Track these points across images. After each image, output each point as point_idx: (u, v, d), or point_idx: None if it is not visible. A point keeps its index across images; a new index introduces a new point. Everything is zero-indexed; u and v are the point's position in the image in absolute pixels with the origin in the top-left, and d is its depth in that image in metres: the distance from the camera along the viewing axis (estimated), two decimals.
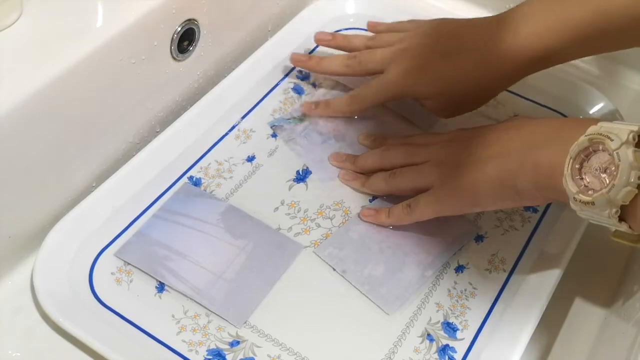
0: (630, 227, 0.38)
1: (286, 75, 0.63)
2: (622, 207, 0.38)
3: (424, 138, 0.54)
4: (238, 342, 0.46)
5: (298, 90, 0.62)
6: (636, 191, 0.37)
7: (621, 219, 0.38)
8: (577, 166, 0.39)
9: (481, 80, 0.53)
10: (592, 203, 0.38)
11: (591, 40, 0.49)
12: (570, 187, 0.39)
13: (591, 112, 0.60)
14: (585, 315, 0.50)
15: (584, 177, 0.39)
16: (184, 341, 0.46)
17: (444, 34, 0.55)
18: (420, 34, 0.56)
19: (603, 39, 0.49)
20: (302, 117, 0.60)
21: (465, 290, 0.50)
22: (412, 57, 0.54)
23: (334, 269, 0.50)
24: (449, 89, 0.54)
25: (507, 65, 0.51)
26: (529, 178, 0.43)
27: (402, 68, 0.54)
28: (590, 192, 0.39)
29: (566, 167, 0.40)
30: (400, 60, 0.54)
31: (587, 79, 0.62)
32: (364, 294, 0.49)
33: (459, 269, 0.51)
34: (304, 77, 0.64)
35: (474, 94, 0.54)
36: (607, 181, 0.38)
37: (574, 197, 0.39)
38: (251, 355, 0.46)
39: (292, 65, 0.63)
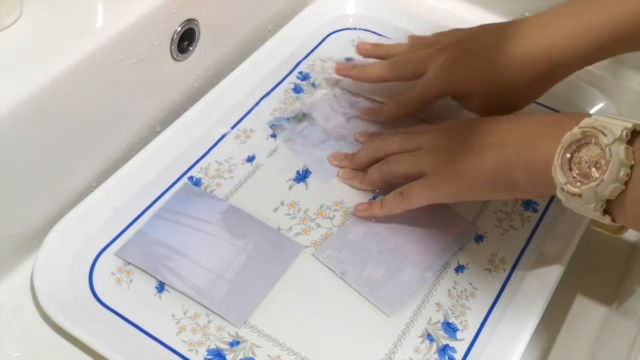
0: (613, 220, 0.39)
1: (286, 75, 0.63)
2: (607, 201, 0.38)
3: (419, 127, 0.54)
4: (238, 342, 0.46)
5: (298, 90, 0.62)
6: (623, 187, 0.37)
7: (605, 211, 0.39)
8: (567, 156, 0.40)
9: (511, 79, 0.51)
10: (579, 195, 0.39)
11: (607, 47, 0.49)
12: (559, 177, 0.40)
13: (591, 112, 0.60)
14: (586, 315, 0.50)
15: (573, 168, 0.40)
16: (184, 341, 0.46)
17: (476, 33, 0.54)
18: (459, 34, 0.55)
19: (618, 45, 0.49)
20: (301, 117, 0.60)
21: (465, 290, 0.50)
22: (451, 54, 0.54)
23: (333, 272, 0.50)
24: (484, 85, 0.53)
25: (529, 68, 0.50)
26: (524, 170, 0.43)
27: (442, 64, 0.54)
28: (578, 184, 0.39)
29: (556, 157, 0.40)
30: (440, 57, 0.54)
31: (587, 79, 0.62)
32: (363, 296, 0.49)
33: (459, 269, 0.51)
34: (304, 77, 0.64)
35: (509, 94, 0.53)
36: (596, 175, 0.38)
37: (561, 188, 0.40)
38: (251, 355, 0.46)
39: (293, 65, 0.63)
